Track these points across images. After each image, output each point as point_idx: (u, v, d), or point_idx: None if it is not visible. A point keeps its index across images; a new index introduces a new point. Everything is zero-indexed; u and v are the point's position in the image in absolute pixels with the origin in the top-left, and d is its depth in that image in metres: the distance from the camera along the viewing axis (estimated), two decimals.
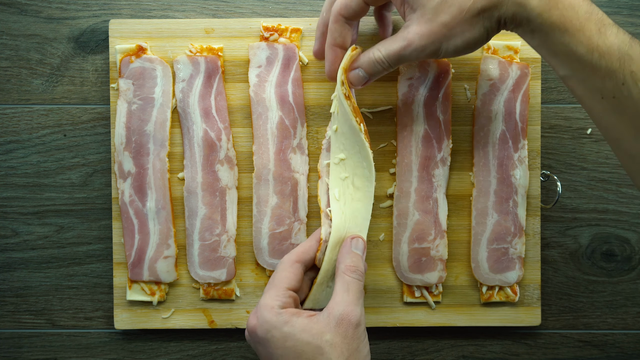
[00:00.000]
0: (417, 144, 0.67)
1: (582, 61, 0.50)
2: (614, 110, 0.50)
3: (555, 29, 0.50)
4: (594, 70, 0.49)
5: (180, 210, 0.69)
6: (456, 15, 0.52)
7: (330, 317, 0.53)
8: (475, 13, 0.51)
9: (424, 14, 0.53)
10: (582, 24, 0.49)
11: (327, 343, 0.52)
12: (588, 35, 0.49)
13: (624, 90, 0.49)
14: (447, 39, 0.53)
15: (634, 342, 0.71)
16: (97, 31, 0.70)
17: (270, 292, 0.55)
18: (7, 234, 0.71)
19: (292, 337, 0.52)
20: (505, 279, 0.67)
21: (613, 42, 0.49)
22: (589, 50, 0.49)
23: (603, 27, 0.49)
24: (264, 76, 0.67)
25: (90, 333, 0.71)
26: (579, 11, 0.50)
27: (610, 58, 0.49)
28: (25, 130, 0.70)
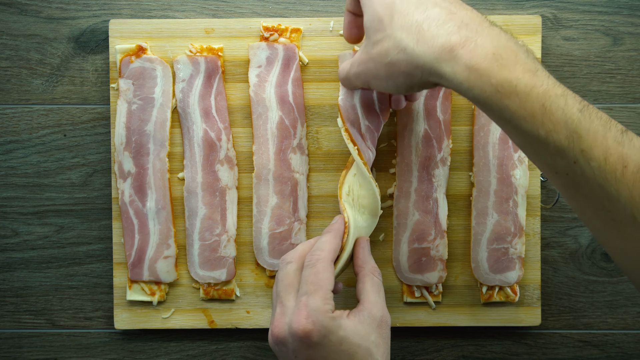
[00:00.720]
0: (417, 144, 0.67)
1: (529, 136, 0.45)
2: (569, 187, 0.46)
3: (493, 103, 0.45)
4: (543, 147, 0.45)
5: (180, 210, 0.69)
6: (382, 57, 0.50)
7: (372, 318, 0.55)
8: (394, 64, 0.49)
9: (367, 44, 0.52)
10: (523, 100, 0.44)
11: (373, 344, 0.54)
12: (530, 112, 0.44)
13: (576, 169, 0.44)
14: (374, 76, 0.52)
15: (634, 342, 0.71)
16: (97, 31, 0.70)
17: (319, 295, 0.54)
18: (7, 234, 0.71)
19: (346, 341, 0.53)
20: (505, 279, 0.67)
21: (559, 119, 0.44)
22: (534, 127, 0.44)
23: (547, 101, 0.44)
24: (264, 76, 0.67)
25: (90, 333, 0.71)
26: (517, 86, 0.44)
27: (557, 136, 0.44)
28: (25, 130, 0.70)
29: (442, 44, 0.46)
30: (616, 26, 0.70)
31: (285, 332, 0.54)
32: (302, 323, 0.52)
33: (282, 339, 0.54)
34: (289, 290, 0.56)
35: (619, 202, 0.44)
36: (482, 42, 0.45)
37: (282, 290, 0.56)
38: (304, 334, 0.52)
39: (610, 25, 0.70)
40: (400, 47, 0.48)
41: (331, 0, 0.70)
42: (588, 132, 0.44)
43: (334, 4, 0.70)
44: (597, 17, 0.69)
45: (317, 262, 0.55)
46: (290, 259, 0.57)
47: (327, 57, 0.68)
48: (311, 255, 0.56)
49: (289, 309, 0.55)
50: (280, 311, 0.55)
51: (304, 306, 0.53)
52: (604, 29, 0.70)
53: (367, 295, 0.57)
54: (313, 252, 0.57)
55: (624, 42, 0.70)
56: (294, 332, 0.53)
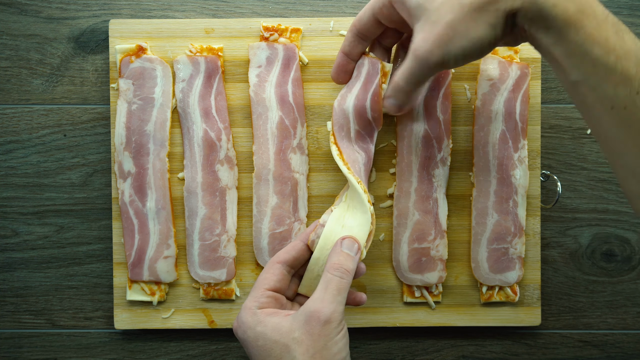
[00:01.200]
0: (417, 144, 0.67)
1: (597, 64, 0.46)
2: (623, 122, 0.47)
3: (571, 25, 0.46)
4: (609, 75, 0.46)
5: (180, 210, 0.69)
6: (458, 12, 0.48)
7: (300, 314, 0.53)
8: (477, 7, 0.48)
9: (428, 18, 0.50)
10: (600, 23, 0.46)
11: (293, 340, 0.51)
12: (605, 36, 0.46)
13: (637, 100, 0.45)
14: (452, 40, 0.49)
15: (634, 342, 0.71)
16: (97, 31, 0.70)
17: (251, 294, 0.56)
18: (7, 234, 0.71)
19: (262, 336, 0.52)
20: (505, 279, 0.67)
21: (630, 47, 0.46)
22: (606, 51, 0.46)
23: (620, 30, 0.46)
24: (264, 76, 0.67)
25: (90, 333, 0.71)
26: (596, 10, 0.46)
27: (627, 63, 0.45)
28: (25, 130, 0.70)
29: None
30: None
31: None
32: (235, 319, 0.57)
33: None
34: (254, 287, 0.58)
35: None
36: None
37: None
38: (233, 330, 0.56)
39: None
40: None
41: (331, 0, 0.70)
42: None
43: (334, 4, 0.70)
44: None
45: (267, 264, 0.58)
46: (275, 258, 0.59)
47: (327, 57, 0.68)
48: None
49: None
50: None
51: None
52: None
53: (315, 291, 0.54)
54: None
55: None
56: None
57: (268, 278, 0.57)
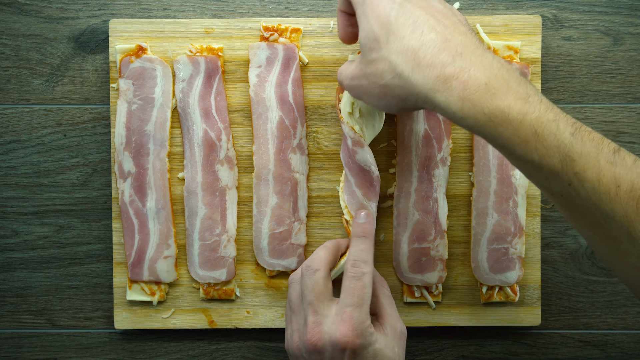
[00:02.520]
0: (417, 144, 0.67)
1: (524, 161, 0.46)
2: (566, 207, 0.48)
3: (487, 130, 0.46)
4: (537, 170, 0.46)
5: (180, 210, 0.69)
6: (376, 78, 0.50)
7: (394, 331, 0.58)
8: (388, 87, 0.49)
9: (362, 60, 0.52)
10: (515, 127, 0.45)
11: (397, 356, 0.58)
12: (523, 138, 0.45)
13: (571, 191, 0.46)
14: (367, 93, 0.52)
15: (634, 342, 0.71)
16: (97, 31, 0.70)
17: (364, 309, 0.56)
18: (7, 234, 0.71)
19: (380, 353, 0.56)
20: (505, 279, 0.67)
21: (552, 144, 0.45)
22: (528, 151, 0.45)
23: (540, 127, 0.45)
24: (264, 76, 0.67)
25: (90, 333, 0.71)
26: (510, 114, 0.45)
27: (551, 160, 0.45)
28: (25, 130, 0.70)
29: (437, 74, 0.46)
30: (616, 26, 0.70)
31: (324, 341, 0.55)
32: (348, 335, 0.55)
33: (320, 348, 0.56)
34: (322, 299, 0.57)
35: (614, 221, 0.46)
36: (475, 72, 0.46)
37: (315, 298, 0.57)
38: (348, 345, 0.55)
39: (610, 25, 0.70)
40: (396, 72, 0.48)
41: (331, 0, 0.70)
42: (580, 155, 0.45)
43: (334, 4, 0.70)
44: (597, 17, 0.69)
45: (363, 276, 0.57)
46: (317, 267, 0.58)
47: (327, 57, 0.68)
48: (355, 268, 0.58)
49: (326, 317, 0.56)
50: (315, 320, 0.56)
51: (349, 318, 0.55)
52: (604, 29, 0.70)
53: (384, 308, 0.60)
54: (356, 263, 0.58)
55: (624, 42, 0.70)
56: (336, 342, 0.55)
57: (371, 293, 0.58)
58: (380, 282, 0.62)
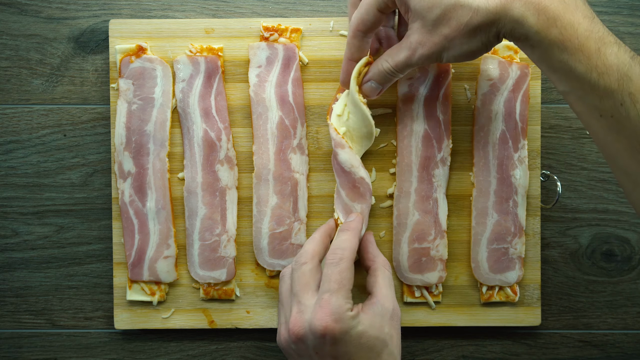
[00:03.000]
0: (417, 144, 0.67)
1: (581, 79, 0.49)
2: (612, 129, 0.50)
3: (554, 46, 0.50)
4: (593, 89, 0.49)
5: (180, 210, 0.69)
6: (455, 28, 0.52)
7: (385, 311, 0.58)
8: (473, 28, 0.52)
9: (425, 24, 0.54)
10: (581, 42, 0.49)
11: (387, 335, 0.57)
12: (587, 54, 0.49)
13: (622, 111, 0.48)
14: (447, 49, 0.54)
15: (634, 342, 0.71)
16: (97, 31, 0.70)
17: (341, 294, 0.56)
18: (7, 234, 0.71)
19: (365, 334, 0.55)
20: (505, 279, 0.67)
21: (612, 63, 0.48)
22: (588, 69, 0.49)
23: (603, 46, 0.49)
24: (264, 76, 0.67)
25: (90, 333, 0.71)
26: (578, 29, 0.49)
27: (608, 78, 0.48)
28: (25, 130, 0.70)
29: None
30: (616, 26, 0.70)
31: (305, 330, 0.55)
32: (325, 320, 0.54)
33: (302, 337, 0.55)
34: (306, 289, 0.57)
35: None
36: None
37: (300, 289, 0.57)
38: (327, 331, 0.54)
39: (610, 25, 0.69)
40: (473, 10, 0.51)
41: (331, 0, 0.70)
42: (638, 77, 0.48)
43: (334, 4, 0.70)
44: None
45: (340, 261, 0.57)
46: (304, 260, 0.59)
47: (327, 57, 0.68)
48: (334, 254, 0.58)
49: (307, 307, 0.56)
50: (297, 309, 0.56)
51: (326, 304, 0.55)
52: None
53: (380, 288, 0.60)
54: (335, 250, 0.58)
55: (624, 42, 0.69)
56: (315, 329, 0.54)
57: (351, 278, 0.57)
58: (382, 264, 0.62)
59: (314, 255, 0.59)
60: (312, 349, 0.55)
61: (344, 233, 0.60)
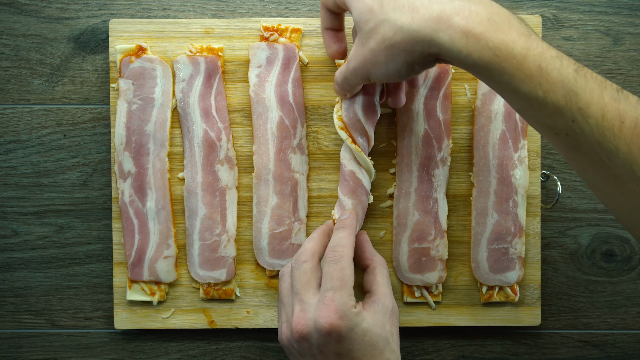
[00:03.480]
0: (417, 144, 0.67)
1: (528, 99, 0.47)
2: (569, 146, 0.48)
3: (492, 69, 0.47)
4: (542, 108, 0.47)
5: (180, 210, 0.69)
6: (379, 42, 0.51)
7: (385, 309, 0.58)
8: (394, 45, 0.50)
9: (360, 37, 0.53)
10: (519, 62, 0.46)
11: (389, 333, 0.57)
12: (528, 73, 0.46)
13: (575, 128, 0.46)
14: (373, 65, 0.53)
15: (634, 342, 0.71)
16: (97, 31, 0.70)
17: (345, 290, 0.55)
18: (7, 234, 0.71)
19: (369, 332, 0.55)
20: (505, 279, 0.67)
21: (556, 79, 0.46)
22: (532, 88, 0.46)
23: (543, 62, 0.46)
24: (264, 76, 0.67)
25: (90, 333, 0.71)
26: (514, 49, 0.46)
27: (555, 95, 0.46)
28: (25, 130, 0.70)
29: (438, 14, 0.48)
30: (616, 26, 0.70)
31: (309, 328, 0.55)
32: (330, 318, 0.54)
33: (306, 335, 0.55)
34: (308, 287, 0.57)
35: (617, 158, 0.46)
36: (476, 9, 0.48)
37: (301, 287, 0.57)
38: (332, 329, 0.54)
39: (610, 25, 0.70)
40: (397, 27, 0.49)
41: None
42: (585, 90, 0.45)
43: None
44: (597, 17, 0.69)
45: (341, 259, 0.57)
46: (304, 259, 0.58)
47: (327, 57, 0.68)
48: (334, 252, 0.57)
49: (310, 305, 0.56)
50: (300, 308, 0.56)
51: (330, 301, 0.55)
52: (604, 29, 0.70)
53: (379, 286, 0.60)
54: (335, 248, 0.58)
55: (624, 42, 0.70)
56: (320, 327, 0.54)
57: (352, 275, 0.57)
58: (380, 262, 0.62)
59: (313, 254, 0.59)
60: (315, 348, 0.55)
61: (341, 231, 0.60)
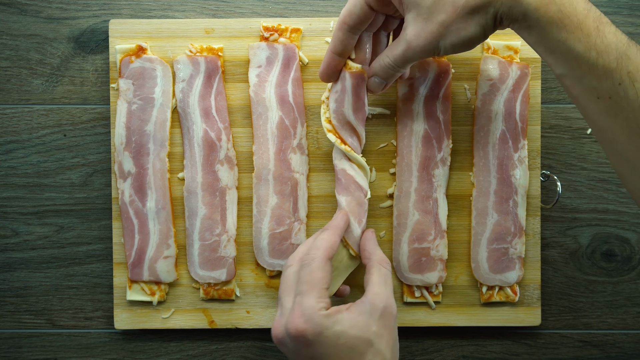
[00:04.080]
0: (417, 144, 0.67)
1: (580, 59, 0.49)
2: (610, 111, 0.49)
3: (553, 24, 0.49)
4: (591, 69, 0.49)
5: (180, 210, 0.69)
6: (450, 13, 0.51)
7: (374, 309, 0.55)
8: (470, 10, 0.51)
9: (420, 13, 0.53)
10: (580, 20, 0.49)
11: (374, 334, 0.54)
12: (586, 32, 0.48)
13: (620, 91, 0.48)
14: (444, 37, 0.53)
15: (634, 342, 0.71)
16: (97, 31, 0.70)
17: (312, 294, 0.55)
18: (7, 234, 0.71)
19: (343, 335, 0.53)
20: (505, 279, 0.67)
21: (611, 41, 0.48)
22: (587, 48, 0.48)
23: (601, 25, 0.49)
24: (264, 76, 0.67)
25: (90, 333, 0.71)
26: (577, 7, 0.49)
27: (607, 57, 0.48)
28: (25, 130, 0.70)
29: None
30: (616, 26, 0.69)
31: (283, 333, 0.55)
32: (295, 323, 0.53)
33: (281, 340, 0.55)
34: (288, 292, 0.57)
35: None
36: None
37: (282, 292, 0.57)
38: (298, 334, 0.53)
39: None
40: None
41: (331, 0, 0.70)
42: (637, 55, 0.48)
43: (334, 4, 0.70)
44: None
45: (312, 262, 0.56)
46: (290, 262, 0.58)
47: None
48: (307, 255, 0.57)
49: (286, 309, 0.56)
50: (279, 313, 0.56)
51: (298, 306, 0.54)
52: None
53: (372, 286, 0.58)
54: (309, 251, 0.57)
55: None
56: (289, 332, 0.54)
57: (327, 277, 0.56)
58: (378, 261, 0.60)
59: (300, 257, 0.58)
60: (292, 352, 0.55)
61: (322, 232, 0.59)
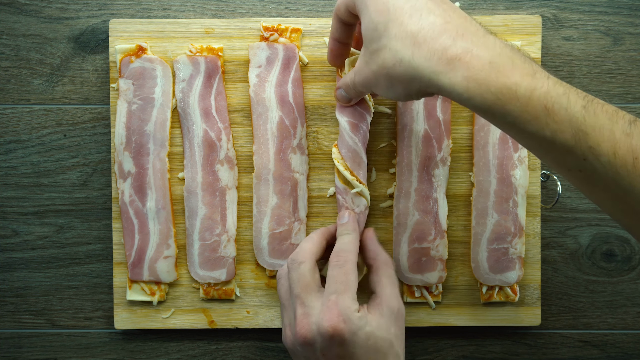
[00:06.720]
0: (417, 144, 0.67)
1: (536, 138, 0.45)
2: (583, 182, 0.46)
3: (496, 111, 0.45)
4: (551, 147, 0.45)
5: (180, 210, 0.69)
6: (381, 67, 0.50)
7: (390, 311, 0.57)
8: (394, 76, 0.49)
9: (365, 53, 0.52)
10: (523, 104, 0.44)
11: (393, 336, 0.56)
12: (533, 115, 0.44)
13: (587, 166, 0.44)
14: (375, 86, 0.52)
15: (634, 342, 0.71)
16: (97, 31, 0.70)
17: (348, 295, 0.55)
18: (7, 234, 0.71)
19: (373, 335, 0.55)
20: (505, 279, 0.67)
21: (563, 118, 0.44)
22: (539, 128, 0.44)
23: (549, 102, 0.44)
24: (264, 76, 0.67)
25: (90, 333, 0.71)
26: (517, 91, 0.44)
27: (563, 135, 0.44)
28: (25, 130, 0.70)
29: (439, 57, 0.46)
30: (616, 26, 0.70)
31: (313, 332, 0.55)
32: (333, 321, 0.54)
33: (310, 339, 0.55)
34: (309, 290, 0.57)
35: (633, 194, 0.44)
36: (478, 52, 0.45)
37: (302, 291, 0.57)
38: (335, 332, 0.54)
39: (610, 25, 0.70)
40: (397, 59, 0.48)
41: (331, 0, 0.70)
42: (594, 129, 0.44)
43: (334, 4, 0.70)
44: (597, 17, 0.69)
45: (345, 263, 0.57)
46: (302, 259, 0.58)
47: (327, 57, 0.68)
48: (338, 257, 0.57)
49: (314, 309, 0.55)
50: (303, 312, 0.56)
51: (334, 305, 0.54)
52: (604, 29, 0.70)
53: (384, 287, 0.58)
54: (339, 253, 0.58)
55: (624, 42, 0.70)
56: (323, 330, 0.54)
57: (356, 280, 0.57)
58: (384, 262, 0.60)
59: (311, 255, 0.58)
60: (319, 351, 0.55)
61: (345, 236, 0.60)
